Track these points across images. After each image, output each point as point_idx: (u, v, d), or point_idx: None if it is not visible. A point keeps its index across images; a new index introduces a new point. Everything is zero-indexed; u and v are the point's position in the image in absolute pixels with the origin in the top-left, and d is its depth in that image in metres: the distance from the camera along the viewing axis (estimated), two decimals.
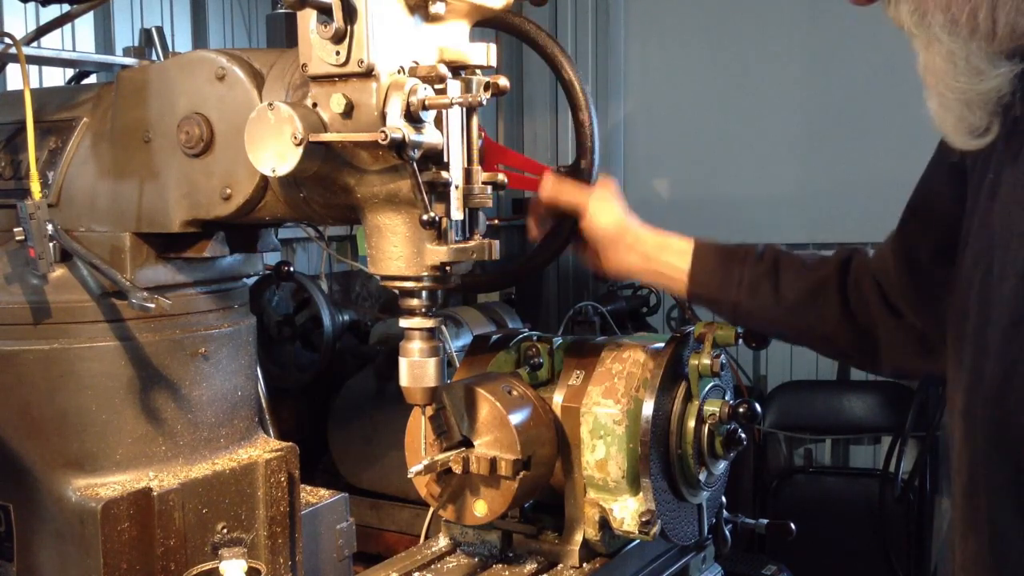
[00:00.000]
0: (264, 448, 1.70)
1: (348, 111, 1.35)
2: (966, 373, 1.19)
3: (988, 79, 1.11)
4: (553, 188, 1.83)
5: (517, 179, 1.92)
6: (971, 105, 1.12)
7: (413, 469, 1.65)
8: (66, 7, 1.86)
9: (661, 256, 1.81)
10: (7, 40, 1.65)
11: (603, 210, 1.81)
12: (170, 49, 2.75)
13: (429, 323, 1.51)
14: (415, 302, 1.49)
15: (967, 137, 1.15)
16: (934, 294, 1.50)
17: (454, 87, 1.41)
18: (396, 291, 1.50)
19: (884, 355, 1.67)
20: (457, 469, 1.69)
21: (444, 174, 1.41)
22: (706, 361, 1.80)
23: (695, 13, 4.54)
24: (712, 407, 1.83)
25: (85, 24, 3.13)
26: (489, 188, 1.49)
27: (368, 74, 1.34)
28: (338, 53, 1.33)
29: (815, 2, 4.28)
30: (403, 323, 1.51)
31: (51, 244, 1.49)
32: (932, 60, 1.14)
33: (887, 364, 1.69)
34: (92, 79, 2.26)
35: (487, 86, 1.48)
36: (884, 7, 1.20)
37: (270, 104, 1.34)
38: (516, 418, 1.71)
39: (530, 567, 1.82)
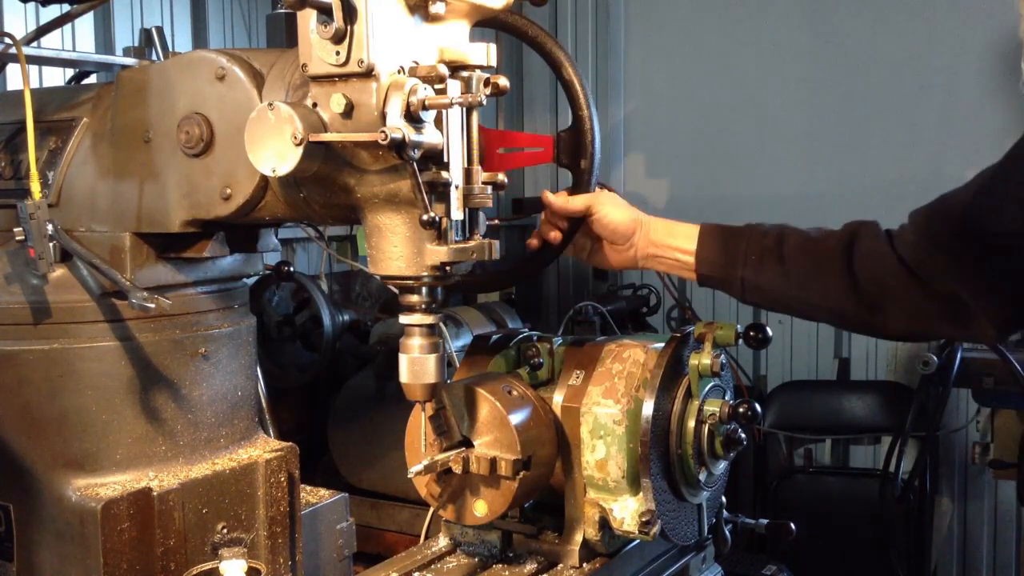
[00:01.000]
0: (264, 448, 1.70)
1: (348, 111, 1.35)
2: None
3: None
4: (559, 200, 1.88)
5: (525, 157, 1.93)
6: None
7: (413, 469, 1.65)
8: (66, 7, 1.86)
9: (669, 241, 1.86)
10: (7, 40, 1.65)
11: (615, 206, 1.88)
12: (170, 49, 2.75)
13: (429, 319, 1.51)
14: (415, 298, 1.49)
15: None
16: (1000, 272, 1.53)
17: (454, 87, 1.41)
18: (396, 290, 1.51)
19: (891, 323, 1.71)
20: (457, 469, 1.69)
21: (444, 174, 1.41)
22: (706, 361, 1.80)
23: (695, 13, 4.54)
24: (712, 407, 1.83)
25: (85, 24, 3.13)
26: (489, 188, 1.49)
27: (368, 74, 1.34)
28: (338, 53, 1.33)
29: (815, 2, 4.28)
30: (403, 319, 1.51)
31: (51, 244, 1.49)
32: None
33: (894, 331, 1.75)
34: (92, 79, 2.26)
35: (487, 85, 1.48)
36: None
37: (270, 104, 1.34)
38: (516, 418, 1.71)
39: (530, 567, 1.82)
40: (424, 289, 1.49)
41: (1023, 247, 1.45)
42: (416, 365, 1.52)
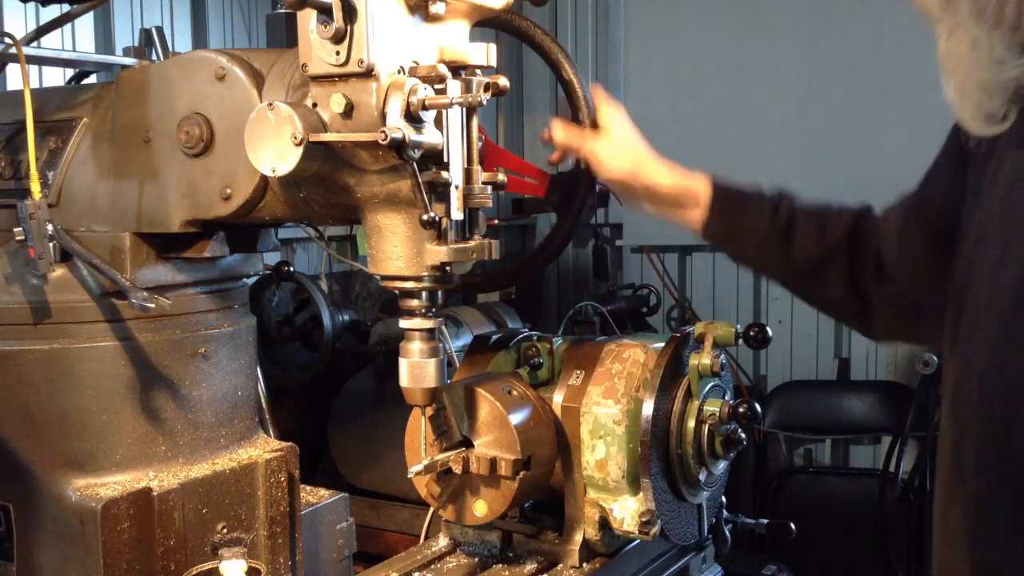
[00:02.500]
0: (264, 448, 1.70)
1: (348, 111, 1.35)
2: (959, 355, 1.20)
3: (1009, 68, 1.11)
4: (563, 137, 1.78)
5: (515, 182, 1.93)
6: (991, 93, 1.12)
7: (413, 469, 1.65)
8: (66, 7, 1.86)
9: (677, 204, 1.77)
10: (7, 40, 1.65)
11: (612, 156, 1.77)
12: (170, 49, 2.75)
13: (429, 324, 1.51)
14: (415, 303, 1.49)
15: (984, 124, 1.15)
16: (927, 272, 1.53)
17: (454, 87, 1.41)
18: (396, 292, 1.51)
19: (877, 322, 1.69)
20: (457, 469, 1.69)
21: (444, 174, 1.41)
22: (706, 361, 1.80)
23: (695, 13, 4.54)
24: (712, 407, 1.83)
25: (85, 24, 3.13)
26: (489, 188, 1.49)
27: (368, 74, 1.34)
28: (338, 53, 1.33)
29: (815, 2, 4.28)
30: (403, 324, 1.51)
31: (51, 244, 1.49)
32: (956, 46, 1.13)
33: (880, 331, 1.72)
34: (92, 79, 2.26)
35: (487, 86, 1.48)
36: None
37: (270, 104, 1.34)
38: (516, 418, 1.71)
39: (530, 567, 1.82)
40: (424, 293, 1.49)
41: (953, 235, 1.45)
42: (416, 369, 1.52)
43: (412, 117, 1.34)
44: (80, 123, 1.62)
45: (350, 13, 1.31)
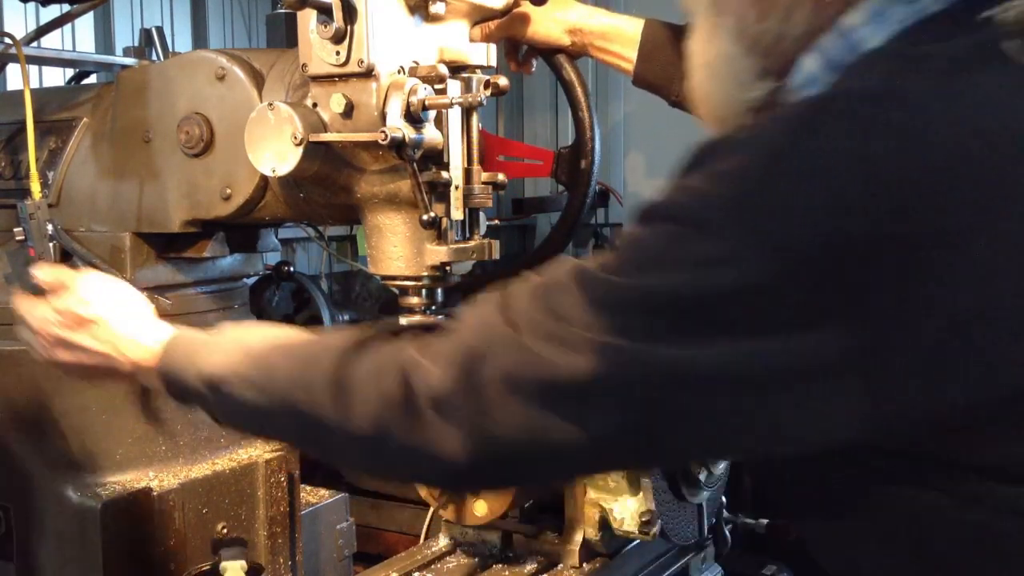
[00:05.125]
0: (264, 448, 1.70)
1: (348, 111, 1.35)
2: None
3: (747, 91, 1.11)
4: (482, 33, 1.71)
5: (521, 167, 1.91)
6: (728, 107, 1.14)
7: None
8: (66, 7, 1.86)
9: (610, 46, 1.83)
10: (7, 40, 1.65)
11: (539, 25, 1.75)
12: (170, 49, 2.75)
13: (429, 321, 1.50)
14: (415, 300, 1.49)
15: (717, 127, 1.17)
16: None
17: (454, 87, 1.41)
18: (396, 290, 1.51)
19: None
20: None
21: (444, 174, 1.41)
22: None
23: None
24: None
25: (85, 24, 3.13)
26: (489, 188, 1.49)
27: (368, 74, 1.34)
28: (338, 53, 1.33)
29: None
30: (403, 321, 1.51)
31: (51, 244, 1.49)
32: (708, 50, 1.14)
33: None
34: (92, 79, 2.26)
35: (487, 86, 1.48)
36: None
37: (270, 104, 1.34)
38: None
39: (530, 567, 1.82)
40: (424, 291, 1.49)
41: None
42: None
43: (412, 117, 1.34)
44: (80, 123, 1.62)
45: (350, 13, 1.31)
